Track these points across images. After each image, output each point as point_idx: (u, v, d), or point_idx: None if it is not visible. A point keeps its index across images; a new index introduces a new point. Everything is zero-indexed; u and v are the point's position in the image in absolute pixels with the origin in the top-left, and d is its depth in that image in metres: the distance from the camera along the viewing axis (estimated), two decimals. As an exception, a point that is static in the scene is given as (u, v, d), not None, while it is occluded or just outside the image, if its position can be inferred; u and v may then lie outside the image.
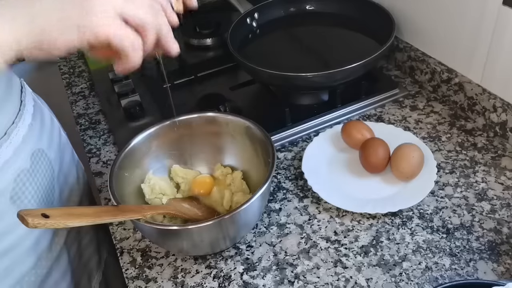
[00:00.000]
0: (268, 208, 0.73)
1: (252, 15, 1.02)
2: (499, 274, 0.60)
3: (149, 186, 0.70)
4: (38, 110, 0.71)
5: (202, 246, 0.64)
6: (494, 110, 0.78)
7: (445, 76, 0.85)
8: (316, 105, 0.90)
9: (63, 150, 0.77)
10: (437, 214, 0.68)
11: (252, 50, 0.97)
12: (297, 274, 0.63)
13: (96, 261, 0.85)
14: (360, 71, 0.82)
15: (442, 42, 0.86)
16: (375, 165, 0.72)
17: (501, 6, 0.71)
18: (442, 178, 0.73)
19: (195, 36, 1.11)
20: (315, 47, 0.97)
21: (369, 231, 0.68)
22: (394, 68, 0.98)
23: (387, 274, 0.62)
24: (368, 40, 0.94)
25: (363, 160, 0.74)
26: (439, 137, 0.81)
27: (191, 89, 0.97)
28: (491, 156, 0.76)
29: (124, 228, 0.74)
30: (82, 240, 0.81)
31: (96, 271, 0.85)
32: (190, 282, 0.65)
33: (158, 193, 0.70)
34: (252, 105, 0.93)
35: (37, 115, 0.70)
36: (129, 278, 0.66)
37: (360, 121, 0.81)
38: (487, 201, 0.69)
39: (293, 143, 0.84)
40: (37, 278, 0.68)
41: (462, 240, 0.65)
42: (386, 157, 0.72)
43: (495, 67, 0.76)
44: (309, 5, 1.05)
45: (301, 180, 0.76)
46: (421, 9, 0.88)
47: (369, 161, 0.73)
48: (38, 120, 0.70)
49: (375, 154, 0.72)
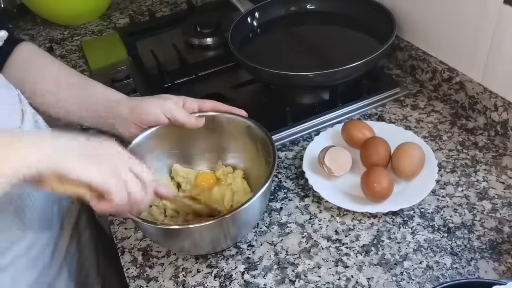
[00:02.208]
0: (269, 207, 0.73)
1: (253, 14, 1.02)
2: (500, 273, 0.60)
3: None
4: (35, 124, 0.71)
5: (203, 246, 0.64)
6: (495, 109, 0.77)
7: (446, 75, 0.85)
8: (317, 104, 0.90)
9: None
10: (438, 213, 0.68)
11: (253, 49, 0.97)
12: (298, 273, 0.63)
13: (95, 274, 0.84)
14: (361, 70, 0.82)
15: (443, 41, 0.86)
16: (376, 164, 0.72)
17: (502, 5, 0.71)
18: (443, 177, 0.73)
19: (195, 36, 1.11)
20: (316, 46, 0.96)
21: (370, 230, 0.68)
22: (395, 67, 0.98)
23: (388, 273, 0.62)
24: (369, 39, 0.94)
25: (364, 159, 0.74)
26: (440, 136, 0.80)
27: (192, 89, 0.97)
28: (492, 155, 0.76)
29: (125, 227, 0.74)
30: (82, 253, 0.80)
31: (96, 283, 0.83)
32: (191, 282, 0.65)
33: None
34: (253, 104, 0.93)
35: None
36: (130, 277, 0.66)
37: (361, 120, 0.81)
38: (488, 200, 0.69)
39: (294, 142, 0.84)
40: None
41: (463, 239, 0.65)
42: (387, 156, 0.72)
43: (496, 66, 0.76)
44: (310, 4, 1.05)
45: (302, 179, 0.76)
46: (422, 8, 0.88)
47: (370, 160, 0.73)
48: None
49: (376, 153, 0.72)
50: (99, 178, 0.47)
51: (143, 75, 1.03)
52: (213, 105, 0.71)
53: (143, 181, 0.52)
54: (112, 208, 0.49)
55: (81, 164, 0.46)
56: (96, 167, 0.47)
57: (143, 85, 1.00)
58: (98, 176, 0.47)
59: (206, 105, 0.71)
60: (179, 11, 1.31)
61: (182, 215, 0.69)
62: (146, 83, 1.01)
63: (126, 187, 0.50)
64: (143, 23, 1.26)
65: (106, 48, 1.14)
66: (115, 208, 0.49)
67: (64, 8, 1.26)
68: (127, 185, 0.50)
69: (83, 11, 1.29)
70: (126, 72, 1.04)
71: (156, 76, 1.02)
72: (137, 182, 0.51)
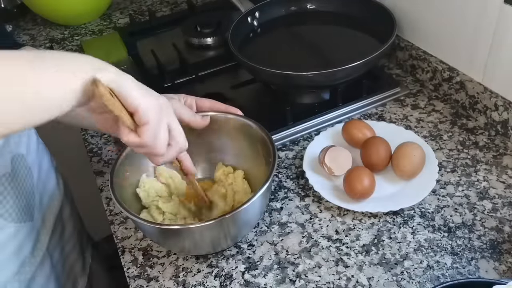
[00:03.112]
0: (270, 207, 0.73)
1: (253, 14, 1.02)
2: (501, 273, 0.60)
3: (144, 191, 0.69)
4: None
5: (203, 246, 0.64)
6: (495, 109, 0.77)
7: (447, 75, 0.85)
8: (317, 104, 0.90)
9: (41, 156, 0.77)
10: (439, 213, 0.68)
11: (253, 49, 0.97)
12: (298, 273, 0.63)
13: (80, 266, 0.85)
14: (361, 69, 0.82)
15: (443, 41, 0.86)
16: (376, 164, 0.72)
17: (503, 4, 0.71)
18: (443, 177, 0.73)
19: (196, 35, 1.11)
20: (316, 46, 0.96)
21: (370, 230, 0.68)
22: (395, 67, 0.98)
23: (388, 273, 0.62)
24: (369, 39, 0.94)
25: (364, 159, 0.74)
26: (441, 136, 0.80)
27: (192, 88, 0.97)
28: (492, 155, 0.76)
29: (126, 227, 0.74)
30: (65, 245, 0.81)
31: (81, 277, 0.85)
32: (192, 281, 0.65)
33: (155, 196, 0.70)
34: (253, 104, 0.93)
35: None
36: (130, 277, 0.66)
37: (361, 120, 0.81)
38: (489, 199, 0.69)
39: (294, 142, 0.84)
40: (21, 284, 0.67)
41: (464, 238, 0.65)
42: (387, 156, 0.72)
43: (497, 65, 0.76)
44: (310, 4, 1.05)
45: (302, 179, 0.76)
46: (422, 8, 0.88)
47: (370, 160, 0.73)
48: None
49: (376, 153, 0.72)
50: (146, 107, 0.49)
51: (143, 75, 1.03)
52: (211, 104, 0.71)
53: (173, 138, 0.54)
54: (137, 142, 0.50)
55: (137, 90, 0.49)
56: (148, 99, 0.50)
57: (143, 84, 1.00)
58: (146, 106, 0.49)
59: (204, 104, 0.71)
60: (179, 11, 1.31)
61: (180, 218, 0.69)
62: (146, 82, 0.98)
63: (157, 131, 0.51)
64: (143, 23, 1.26)
65: (106, 48, 1.14)
66: (140, 142, 0.50)
67: (64, 8, 1.26)
68: (159, 131, 0.51)
69: (83, 11, 1.29)
70: (127, 72, 1.03)
71: (156, 76, 1.02)
72: (167, 136, 0.53)
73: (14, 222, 0.65)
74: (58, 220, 0.78)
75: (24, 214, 0.67)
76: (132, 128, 0.50)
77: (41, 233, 0.72)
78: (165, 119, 0.52)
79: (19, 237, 0.66)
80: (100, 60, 0.49)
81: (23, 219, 0.67)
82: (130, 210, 0.60)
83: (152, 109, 0.49)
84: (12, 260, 0.66)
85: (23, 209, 0.67)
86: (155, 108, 0.50)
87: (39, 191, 0.73)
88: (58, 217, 0.78)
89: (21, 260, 0.67)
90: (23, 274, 0.68)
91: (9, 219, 0.64)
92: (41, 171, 0.75)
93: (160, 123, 0.51)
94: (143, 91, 0.50)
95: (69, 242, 0.82)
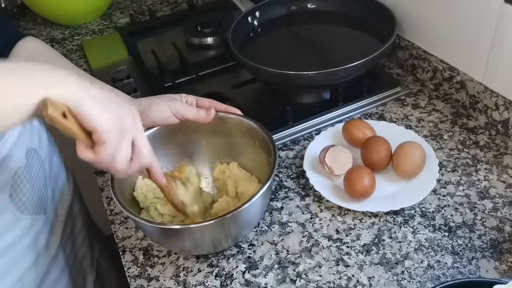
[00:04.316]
0: (270, 206, 0.73)
1: (253, 14, 1.02)
2: (502, 272, 0.60)
3: (142, 194, 0.69)
4: None
5: (204, 245, 0.64)
6: (496, 108, 0.77)
7: (447, 74, 0.85)
8: (318, 103, 0.90)
9: (52, 151, 0.78)
10: (439, 213, 0.68)
11: (253, 48, 0.97)
12: (299, 273, 0.63)
13: (89, 261, 0.86)
14: (362, 69, 0.82)
15: (444, 40, 0.86)
16: (376, 164, 0.72)
17: (503, 4, 0.71)
18: (444, 177, 0.73)
19: (196, 35, 1.11)
20: (316, 46, 0.96)
21: (371, 229, 0.68)
22: (395, 67, 0.98)
23: (389, 273, 0.62)
24: (370, 38, 0.94)
25: (364, 159, 0.74)
26: (441, 135, 0.80)
27: (193, 88, 0.97)
28: (493, 154, 0.76)
29: (126, 227, 0.74)
30: (76, 239, 0.82)
31: (90, 271, 0.86)
32: (192, 281, 0.65)
33: (153, 198, 0.69)
34: (253, 103, 0.93)
35: None
36: (131, 276, 0.66)
37: (361, 120, 0.81)
38: (489, 199, 0.69)
39: (295, 142, 0.84)
40: (37, 275, 0.68)
41: (464, 238, 0.65)
42: (387, 155, 0.72)
43: (497, 65, 0.76)
44: (311, 3, 1.05)
45: (303, 178, 0.76)
46: (423, 7, 0.88)
47: (371, 159, 0.73)
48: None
49: (376, 152, 0.72)
50: (103, 128, 0.47)
51: (143, 75, 1.03)
52: (211, 103, 0.71)
53: (136, 152, 0.52)
54: (93, 159, 0.49)
55: (97, 108, 0.47)
56: (108, 116, 0.48)
57: (144, 84, 1.00)
58: (104, 125, 0.47)
59: (204, 103, 0.71)
60: (180, 10, 1.31)
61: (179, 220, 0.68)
62: (146, 82, 1.01)
63: (117, 149, 0.49)
64: (144, 22, 1.26)
65: (106, 48, 1.14)
66: (95, 160, 0.49)
67: (64, 8, 1.26)
68: (120, 148, 0.50)
69: (83, 10, 1.29)
70: (127, 72, 1.04)
71: (156, 76, 1.02)
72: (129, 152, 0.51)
73: (30, 215, 0.66)
74: (69, 215, 0.80)
75: (38, 207, 0.68)
76: (90, 146, 0.48)
77: (54, 226, 0.74)
78: (128, 134, 0.50)
79: (34, 229, 0.68)
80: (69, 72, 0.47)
81: (37, 212, 0.68)
82: (130, 210, 0.60)
83: (111, 128, 0.48)
84: (29, 252, 0.67)
85: (37, 202, 0.68)
86: (115, 126, 0.48)
87: (51, 185, 0.74)
88: (69, 212, 0.79)
89: (37, 252, 0.68)
90: (39, 266, 0.69)
91: (25, 211, 0.65)
92: (52, 166, 0.76)
93: (121, 140, 0.49)
94: (103, 108, 0.48)
95: (79, 237, 0.83)
